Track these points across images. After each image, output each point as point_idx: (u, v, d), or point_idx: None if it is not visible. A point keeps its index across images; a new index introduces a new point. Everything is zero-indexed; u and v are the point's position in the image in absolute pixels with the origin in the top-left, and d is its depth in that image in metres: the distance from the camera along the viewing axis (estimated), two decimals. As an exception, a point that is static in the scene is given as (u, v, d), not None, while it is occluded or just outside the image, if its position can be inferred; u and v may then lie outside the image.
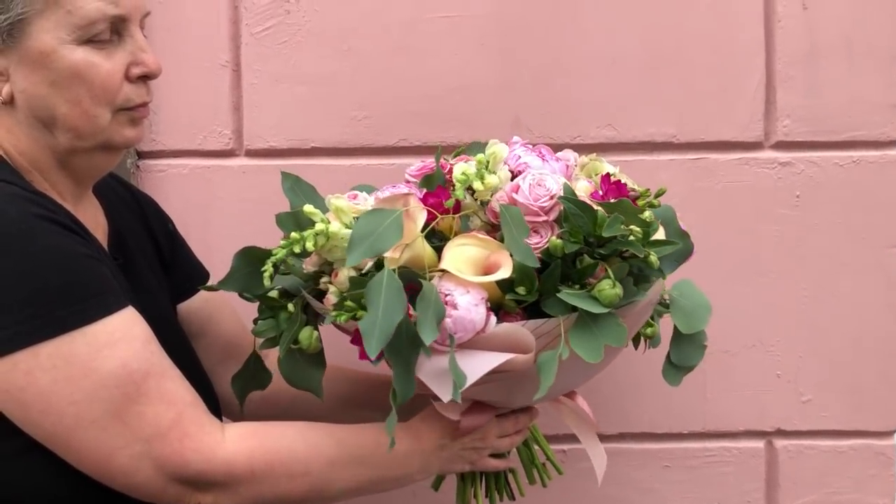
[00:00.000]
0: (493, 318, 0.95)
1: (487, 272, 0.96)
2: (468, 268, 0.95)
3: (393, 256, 0.95)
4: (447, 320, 0.93)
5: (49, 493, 0.96)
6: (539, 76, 1.44)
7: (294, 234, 0.98)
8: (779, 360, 1.47)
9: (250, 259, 1.06)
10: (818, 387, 1.47)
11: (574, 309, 0.95)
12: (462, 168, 0.99)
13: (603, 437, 1.08)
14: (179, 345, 1.14)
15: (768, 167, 1.46)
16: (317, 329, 1.05)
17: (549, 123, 1.43)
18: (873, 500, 1.49)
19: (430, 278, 0.95)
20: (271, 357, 1.10)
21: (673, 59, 1.44)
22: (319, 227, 0.98)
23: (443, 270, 0.95)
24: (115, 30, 1.00)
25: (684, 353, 1.07)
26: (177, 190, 1.45)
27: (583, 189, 1.03)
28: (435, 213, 0.97)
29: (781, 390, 1.48)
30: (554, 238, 0.97)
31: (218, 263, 1.43)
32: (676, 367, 1.09)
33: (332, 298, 1.00)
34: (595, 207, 0.98)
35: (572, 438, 1.27)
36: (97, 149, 1.03)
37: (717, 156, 1.45)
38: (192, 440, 0.95)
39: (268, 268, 0.99)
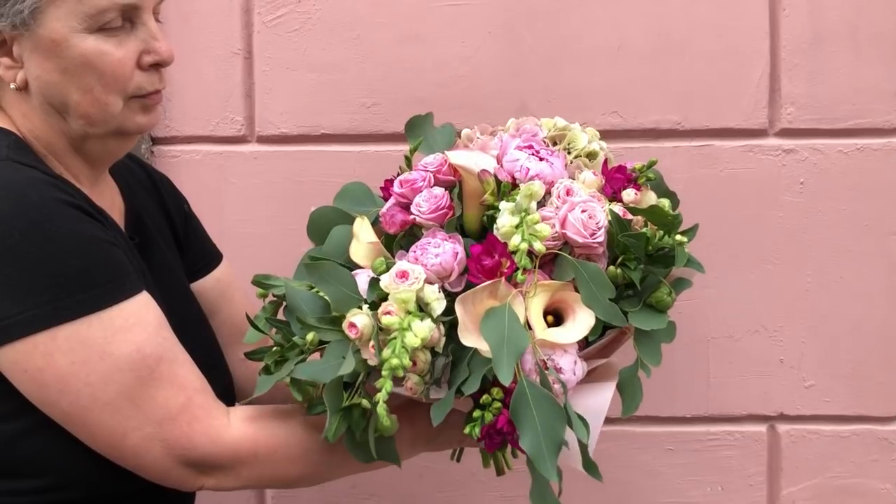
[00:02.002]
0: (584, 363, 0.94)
1: (552, 309, 0.93)
2: (541, 319, 0.91)
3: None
4: (556, 387, 0.90)
5: (63, 469, 0.97)
6: (545, 63, 1.43)
7: (392, 360, 0.87)
8: (782, 345, 1.46)
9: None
10: (821, 372, 1.46)
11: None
12: (515, 243, 0.89)
13: (607, 420, 1.08)
14: (197, 322, 1.14)
15: (772, 154, 1.45)
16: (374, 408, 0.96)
17: (555, 110, 1.40)
18: (875, 485, 1.48)
19: (537, 354, 0.90)
20: None
21: (678, 46, 1.43)
22: (406, 341, 0.87)
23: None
24: (127, 17, 0.99)
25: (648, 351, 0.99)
26: (190, 175, 1.45)
27: (589, 182, 0.99)
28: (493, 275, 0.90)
29: (784, 375, 1.47)
30: (612, 268, 0.96)
31: (230, 247, 1.44)
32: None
33: (414, 382, 0.92)
34: (641, 230, 0.96)
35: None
36: (110, 135, 1.03)
37: (721, 143, 1.44)
38: (201, 424, 0.96)
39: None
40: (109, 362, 0.93)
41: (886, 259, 1.45)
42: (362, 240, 0.97)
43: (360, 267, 0.97)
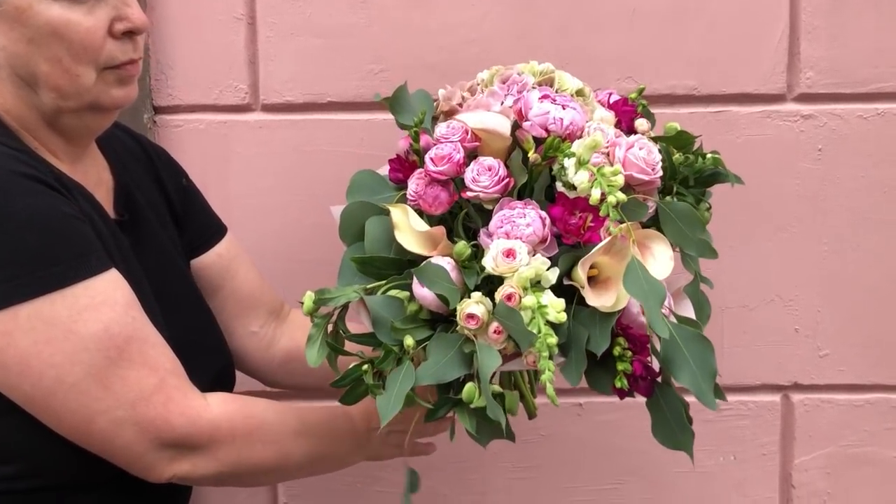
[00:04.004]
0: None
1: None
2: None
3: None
4: (671, 318, 0.91)
5: (33, 455, 0.92)
6: (558, 27, 1.37)
7: (549, 340, 0.84)
8: (797, 314, 1.42)
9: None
10: (836, 341, 1.43)
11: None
12: (595, 196, 0.86)
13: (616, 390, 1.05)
14: (191, 302, 1.09)
15: (790, 120, 1.39)
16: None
17: (568, 76, 1.38)
18: (888, 453, 1.45)
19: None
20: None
21: (694, 9, 1.36)
22: (549, 318, 0.85)
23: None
24: None
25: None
26: (194, 145, 1.40)
27: (607, 119, 0.98)
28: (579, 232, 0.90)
29: (799, 345, 1.43)
30: (668, 198, 0.96)
31: (236, 218, 1.40)
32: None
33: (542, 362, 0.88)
34: (677, 154, 0.98)
35: (587, 392, 1.24)
36: (85, 109, 0.97)
37: (738, 108, 1.38)
38: (177, 404, 0.92)
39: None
40: (74, 341, 0.88)
41: (905, 227, 1.40)
42: (414, 228, 0.92)
43: (413, 257, 0.92)
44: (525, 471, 1.46)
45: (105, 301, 0.89)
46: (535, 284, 0.87)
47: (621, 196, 0.86)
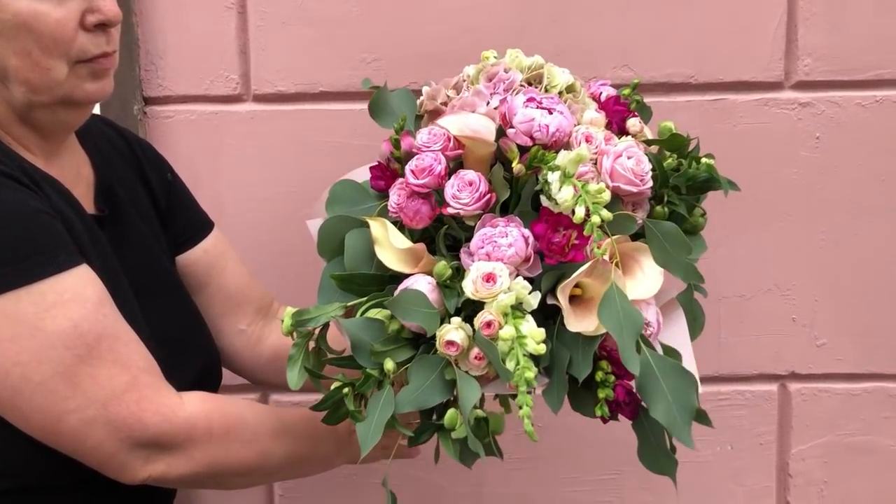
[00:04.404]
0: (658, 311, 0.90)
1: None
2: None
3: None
4: (653, 341, 0.87)
5: (2, 456, 0.90)
6: (553, 15, 1.35)
7: (527, 374, 0.80)
8: (794, 304, 1.41)
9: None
10: (833, 330, 1.41)
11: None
12: (580, 215, 0.81)
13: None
14: (173, 298, 1.07)
15: (788, 108, 1.37)
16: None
17: (564, 64, 1.31)
18: (885, 442, 1.45)
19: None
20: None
21: (691, -4, 1.35)
22: (528, 349, 0.81)
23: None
24: None
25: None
26: (185, 136, 1.37)
27: (596, 121, 0.94)
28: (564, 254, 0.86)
29: (796, 334, 1.42)
30: (659, 208, 0.92)
31: (228, 210, 1.38)
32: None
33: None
34: (669, 158, 0.94)
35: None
36: (58, 104, 0.94)
37: (735, 96, 1.36)
38: (151, 402, 0.89)
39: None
40: (41, 339, 0.85)
41: (904, 215, 1.39)
42: (394, 244, 0.88)
43: (395, 273, 0.89)
44: (522, 462, 1.45)
45: (74, 298, 0.87)
46: (517, 307, 0.83)
47: (606, 214, 0.81)
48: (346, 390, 0.87)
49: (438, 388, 0.84)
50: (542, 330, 0.81)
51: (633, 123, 0.95)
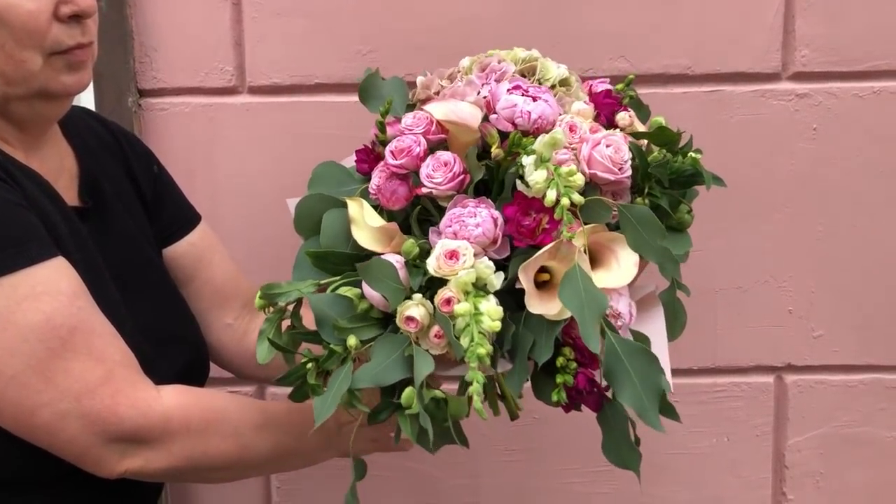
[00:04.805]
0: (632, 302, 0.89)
1: (592, 248, 0.87)
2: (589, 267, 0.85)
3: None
4: (622, 332, 0.85)
5: None
6: (549, 6, 1.33)
7: (479, 350, 0.79)
8: (791, 295, 1.41)
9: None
10: (830, 322, 1.41)
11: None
12: (550, 198, 0.81)
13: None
14: (159, 291, 1.06)
15: (785, 99, 1.36)
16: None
17: (560, 55, 1.30)
18: (881, 433, 1.45)
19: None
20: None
21: (688, -14, 1.34)
22: (483, 327, 0.80)
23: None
24: None
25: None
26: (180, 129, 1.37)
27: (584, 112, 0.93)
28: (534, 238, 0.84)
29: (793, 326, 1.41)
30: (640, 199, 0.90)
31: (223, 201, 1.37)
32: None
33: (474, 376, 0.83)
34: (658, 155, 0.92)
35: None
36: (34, 96, 0.93)
37: (732, 88, 1.35)
38: (126, 396, 0.87)
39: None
40: (13, 332, 0.84)
41: (901, 207, 1.38)
42: (368, 223, 0.88)
43: (370, 253, 0.88)
44: (517, 454, 1.45)
45: (47, 291, 0.86)
46: (482, 288, 0.82)
47: (577, 198, 0.80)
48: (309, 366, 0.86)
49: (399, 366, 0.83)
50: (500, 308, 0.80)
51: (623, 117, 0.94)
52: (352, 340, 0.85)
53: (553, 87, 0.94)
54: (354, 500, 0.89)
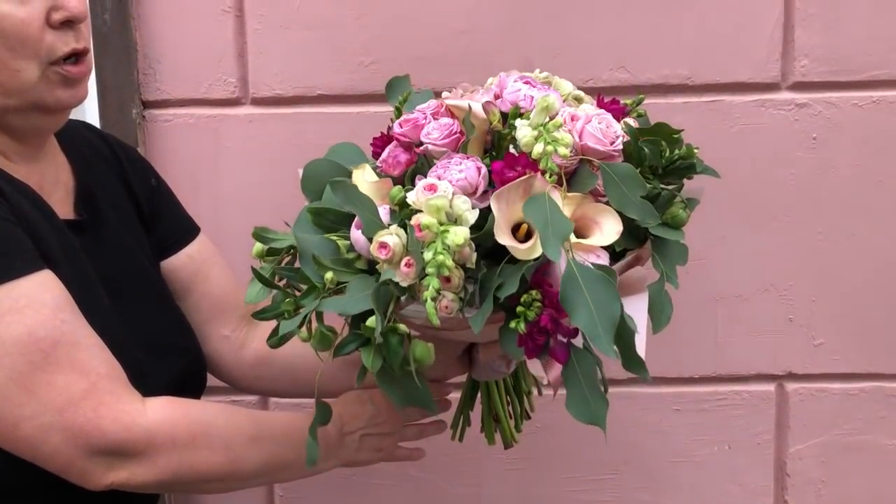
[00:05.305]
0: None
1: (578, 223, 0.88)
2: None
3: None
4: None
5: None
6: (550, 17, 1.34)
7: (438, 257, 0.80)
8: (792, 304, 1.41)
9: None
10: (831, 331, 1.41)
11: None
12: (538, 150, 0.84)
13: (613, 382, 1.03)
14: (155, 302, 1.06)
15: (785, 109, 1.36)
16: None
17: (560, 66, 1.33)
18: (882, 441, 1.44)
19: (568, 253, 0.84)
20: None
21: (687, -3, 1.34)
22: (447, 241, 0.81)
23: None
24: None
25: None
26: (184, 140, 1.37)
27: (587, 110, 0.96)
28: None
29: (794, 334, 1.41)
30: None
31: (226, 213, 1.38)
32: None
33: (449, 299, 0.85)
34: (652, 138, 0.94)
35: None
36: (30, 109, 0.94)
37: (732, 98, 1.36)
38: (109, 409, 0.87)
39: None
40: None
41: (900, 216, 1.38)
42: (364, 180, 0.92)
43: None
44: (520, 462, 1.45)
45: (30, 304, 0.86)
46: (455, 222, 0.83)
47: (564, 151, 0.82)
48: (287, 300, 0.89)
49: (368, 299, 0.84)
50: (467, 230, 0.82)
51: (627, 123, 0.96)
52: (329, 275, 0.86)
53: (565, 98, 0.97)
54: (315, 442, 0.91)
